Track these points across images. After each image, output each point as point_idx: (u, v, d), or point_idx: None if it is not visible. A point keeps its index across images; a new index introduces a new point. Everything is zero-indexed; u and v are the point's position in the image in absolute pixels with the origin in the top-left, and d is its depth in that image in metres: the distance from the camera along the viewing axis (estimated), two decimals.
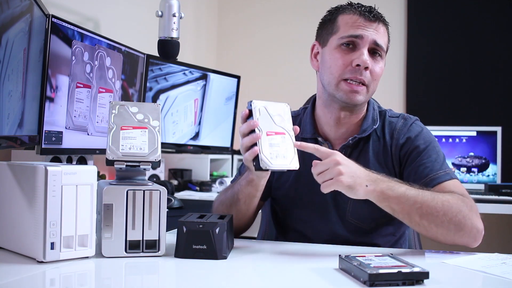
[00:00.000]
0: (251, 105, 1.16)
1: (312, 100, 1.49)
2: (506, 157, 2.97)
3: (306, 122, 1.46)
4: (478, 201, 2.44)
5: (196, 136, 2.73)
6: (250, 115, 1.16)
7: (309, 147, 1.17)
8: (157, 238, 1.10)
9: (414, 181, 1.32)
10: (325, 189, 1.14)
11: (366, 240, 1.38)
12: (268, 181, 1.44)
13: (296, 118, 1.49)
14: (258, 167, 1.12)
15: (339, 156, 1.14)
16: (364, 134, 1.39)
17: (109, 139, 1.10)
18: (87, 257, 1.07)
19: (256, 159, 1.12)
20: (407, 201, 1.17)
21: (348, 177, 1.13)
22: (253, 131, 1.14)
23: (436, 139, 1.41)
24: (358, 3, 1.37)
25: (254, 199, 1.31)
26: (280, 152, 1.14)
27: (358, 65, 1.31)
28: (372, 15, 1.34)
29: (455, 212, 1.18)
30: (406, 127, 1.40)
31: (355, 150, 1.40)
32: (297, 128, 1.20)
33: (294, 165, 1.15)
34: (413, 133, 1.39)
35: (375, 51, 1.34)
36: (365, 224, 1.39)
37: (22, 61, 1.32)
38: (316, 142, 1.42)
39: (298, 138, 1.44)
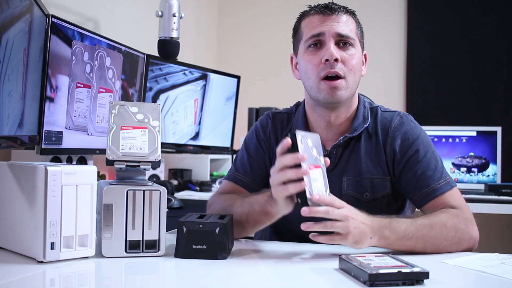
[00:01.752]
0: (295, 135, 1.08)
1: (303, 102, 1.49)
2: (506, 157, 2.97)
3: (298, 121, 1.46)
4: (478, 201, 2.48)
5: (196, 136, 2.73)
6: (291, 145, 1.09)
7: (321, 211, 1.09)
8: (157, 238, 1.10)
9: (414, 189, 1.33)
10: (330, 242, 1.11)
11: None
12: (261, 179, 1.44)
13: (290, 116, 1.50)
14: (303, 203, 1.07)
15: (347, 210, 1.12)
16: (355, 133, 1.39)
17: (109, 139, 1.10)
18: (87, 257, 1.07)
19: (301, 194, 1.07)
20: (409, 240, 1.17)
21: (356, 234, 1.10)
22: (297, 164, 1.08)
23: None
24: (318, 4, 1.39)
25: (263, 226, 1.28)
26: (320, 188, 1.10)
27: (327, 60, 1.32)
28: (328, 9, 1.36)
29: (453, 232, 1.21)
30: (402, 126, 1.39)
31: (346, 149, 1.40)
32: (328, 160, 1.17)
33: None
34: (411, 136, 1.38)
35: (343, 42, 1.35)
36: None
37: (22, 61, 1.32)
38: None
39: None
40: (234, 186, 1.45)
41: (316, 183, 1.09)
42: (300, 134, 1.09)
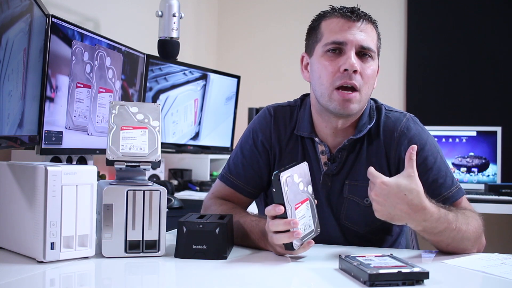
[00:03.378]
0: (279, 180, 1.06)
1: (309, 101, 1.42)
2: (506, 157, 2.97)
3: (303, 118, 1.40)
4: (478, 201, 2.48)
5: (196, 136, 2.73)
6: (274, 186, 1.07)
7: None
8: (157, 238, 1.10)
9: None
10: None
11: (362, 244, 1.37)
12: (254, 182, 1.42)
13: (293, 110, 1.44)
14: (290, 248, 1.08)
15: (380, 189, 1.09)
16: (360, 135, 1.34)
17: (109, 139, 1.10)
18: (87, 257, 1.07)
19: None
20: (443, 235, 1.15)
21: (384, 213, 1.09)
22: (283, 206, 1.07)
23: (436, 139, 1.39)
24: (341, 6, 1.33)
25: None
26: (307, 222, 1.11)
27: (346, 69, 1.26)
28: (355, 15, 1.29)
29: (476, 233, 1.20)
30: (410, 131, 1.34)
31: (352, 153, 1.36)
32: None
33: (318, 229, 1.14)
34: (420, 141, 1.32)
35: (364, 53, 1.29)
36: (360, 227, 1.37)
37: (22, 61, 1.32)
38: (312, 141, 1.39)
39: (294, 135, 1.42)
40: (228, 189, 1.43)
41: (303, 219, 1.10)
42: (284, 176, 1.07)
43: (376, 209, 1.11)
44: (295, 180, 1.10)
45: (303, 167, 1.14)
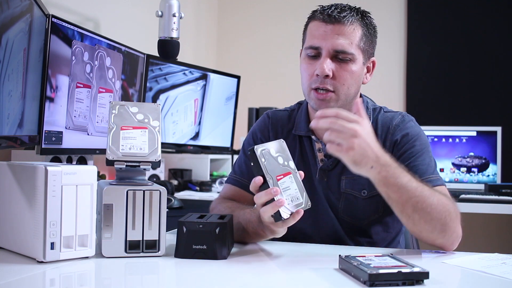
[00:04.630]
0: (255, 152, 1.08)
1: (305, 101, 1.48)
2: (506, 157, 2.97)
3: (300, 118, 1.46)
4: (478, 201, 2.48)
5: (196, 136, 2.73)
6: (251, 160, 1.09)
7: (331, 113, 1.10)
8: (157, 238, 1.10)
9: None
10: (330, 150, 1.10)
11: (361, 238, 1.39)
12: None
13: (291, 113, 1.50)
14: (278, 218, 1.07)
15: (360, 127, 1.09)
16: None
17: (109, 139, 1.10)
18: (87, 257, 1.07)
19: (275, 213, 1.08)
20: (406, 192, 1.14)
21: (358, 154, 1.09)
22: (265, 183, 1.08)
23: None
24: (327, 6, 1.34)
25: (258, 241, 1.29)
26: (293, 194, 1.10)
27: (317, 74, 1.31)
28: (332, 18, 1.30)
29: (446, 213, 1.17)
30: (403, 124, 1.40)
31: None
32: (302, 173, 1.14)
33: (308, 203, 1.12)
34: (411, 132, 1.38)
35: (339, 57, 1.31)
36: (358, 221, 1.39)
37: (22, 61, 1.32)
38: (309, 139, 1.43)
39: (291, 134, 1.45)
40: (234, 189, 1.46)
41: (288, 191, 1.09)
42: (259, 149, 1.09)
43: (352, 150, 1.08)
44: (272, 154, 1.11)
45: (280, 143, 1.15)
